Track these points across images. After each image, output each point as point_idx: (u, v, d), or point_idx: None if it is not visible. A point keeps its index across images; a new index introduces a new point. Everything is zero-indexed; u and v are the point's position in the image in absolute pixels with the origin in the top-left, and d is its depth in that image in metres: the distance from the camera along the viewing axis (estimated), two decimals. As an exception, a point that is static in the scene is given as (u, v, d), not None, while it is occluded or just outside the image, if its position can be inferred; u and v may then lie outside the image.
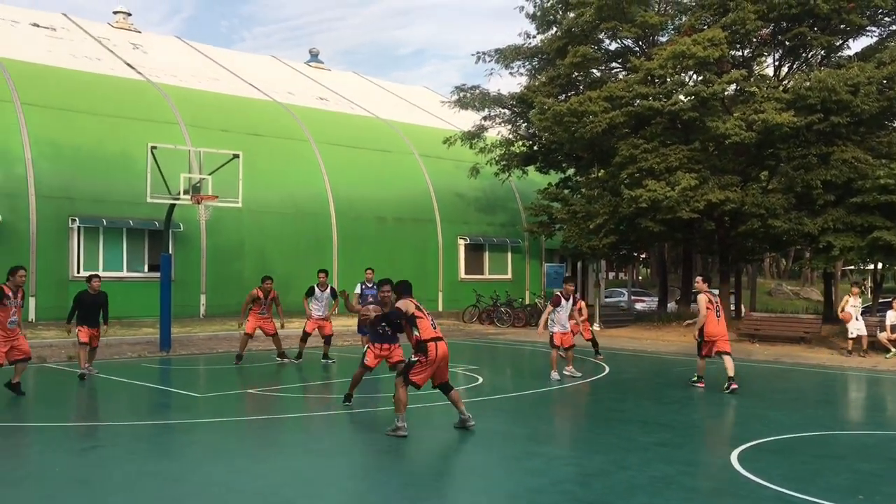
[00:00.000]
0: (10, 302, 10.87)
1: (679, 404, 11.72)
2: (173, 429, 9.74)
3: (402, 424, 8.87)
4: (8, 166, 21.12)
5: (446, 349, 9.11)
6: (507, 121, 29.75)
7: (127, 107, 24.30)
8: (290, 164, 26.64)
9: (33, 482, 7.06)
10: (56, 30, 30.25)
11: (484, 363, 16.99)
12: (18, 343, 11.07)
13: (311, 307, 15.52)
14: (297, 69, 38.09)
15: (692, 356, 18.54)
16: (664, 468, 7.72)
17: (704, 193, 21.98)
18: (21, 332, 11.28)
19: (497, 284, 29.80)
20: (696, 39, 22.35)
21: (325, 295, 15.62)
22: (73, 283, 21.49)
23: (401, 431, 8.82)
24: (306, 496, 6.75)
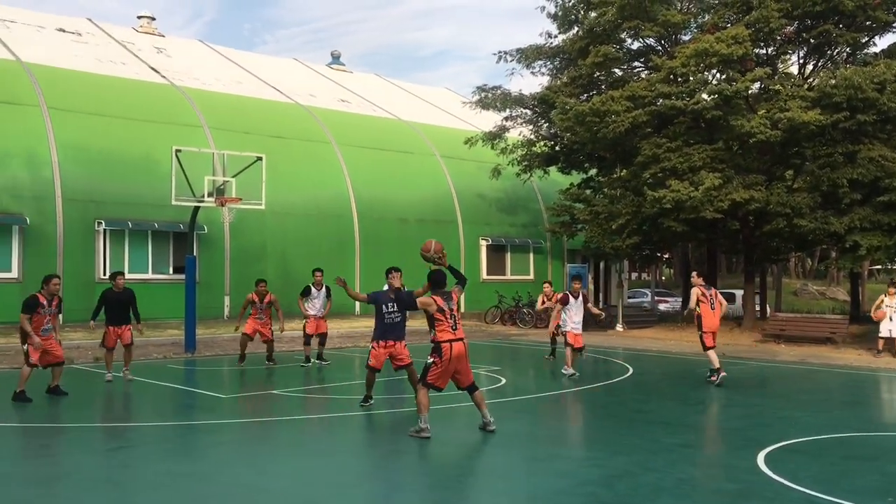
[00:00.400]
0: (44, 311, 11.07)
1: (704, 405, 11.64)
2: (199, 429, 9.83)
3: (425, 426, 8.89)
4: (35, 170, 21.40)
5: (462, 348, 9.13)
6: (529, 121, 29.68)
7: (151, 110, 24.54)
8: (312, 166, 26.77)
9: (62, 482, 7.15)
10: (81, 35, 30.61)
11: (506, 364, 16.97)
12: (51, 347, 11.26)
13: (306, 306, 15.56)
14: (318, 72, 38.26)
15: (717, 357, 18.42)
16: (689, 470, 7.67)
17: (729, 193, 21.80)
18: (56, 338, 11.47)
19: (519, 285, 29.74)
20: (720, 37, 22.17)
21: (321, 294, 15.65)
22: (100, 285, 21.68)
23: (424, 433, 8.84)
24: (331, 497, 6.78)
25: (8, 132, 21.31)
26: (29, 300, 11.07)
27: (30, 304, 11.01)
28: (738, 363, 17.38)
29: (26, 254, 20.81)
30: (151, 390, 12.72)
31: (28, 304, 11.01)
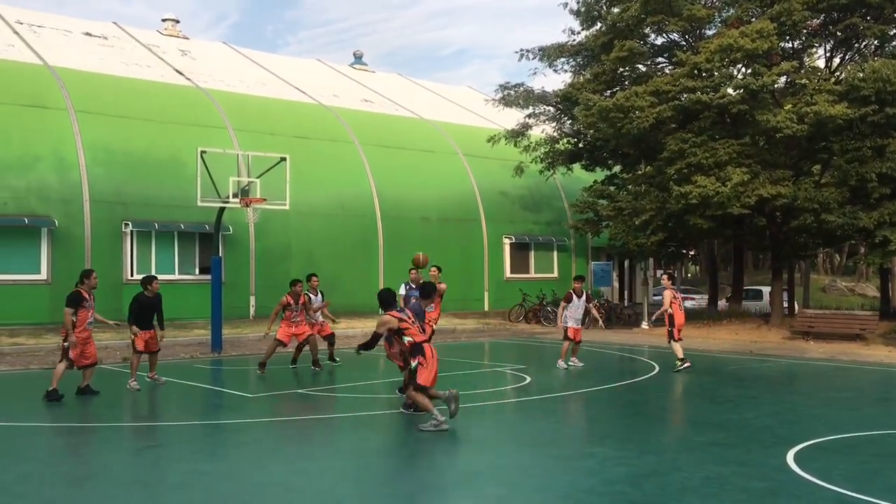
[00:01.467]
0: (87, 304, 11.27)
1: (732, 403, 11.52)
2: (226, 429, 9.90)
3: (441, 419, 9.02)
4: (64, 172, 21.68)
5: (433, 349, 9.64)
6: (552, 118, 29.57)
7: (176, 112, 24.76)
8: (335, 166, 26.86)
9: (93, 482, 7.23)
10: (107, 38, 30.96)
11: (531, 363, 16.92)
12: (88, 348, 11.45)
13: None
14: (341, 72, 38.40)
15: (744, 355, 18.27)
16: (718, 469, 7.60)
17: (755, 188, 21.56)
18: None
19: (543, 283, 29.65)
20: (744, 31, 21.93)
21: (317, 299, 15.48)
22: (127, 286, 21.98)
23: (442, 425, 8.98)
24: (359, 496, 6.80)
25: (36, 135, 21.61)
26: (74, 295, 11.14)
27: (74, 298, 11.09)
28: (765, 360, 17.21)
29: (55, 256, 21.09)
30: (178, 390, 12.82)
31: (73, 299, 11.09)
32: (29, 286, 20.72)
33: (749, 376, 14.76)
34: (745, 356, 18.06)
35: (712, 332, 23.60)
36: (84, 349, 11.35)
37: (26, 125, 21.64)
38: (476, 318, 27.58)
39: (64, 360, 11.18)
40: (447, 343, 21.01)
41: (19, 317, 20.24)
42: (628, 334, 23.84)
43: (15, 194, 20.79)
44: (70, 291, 11.33)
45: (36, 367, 15.32)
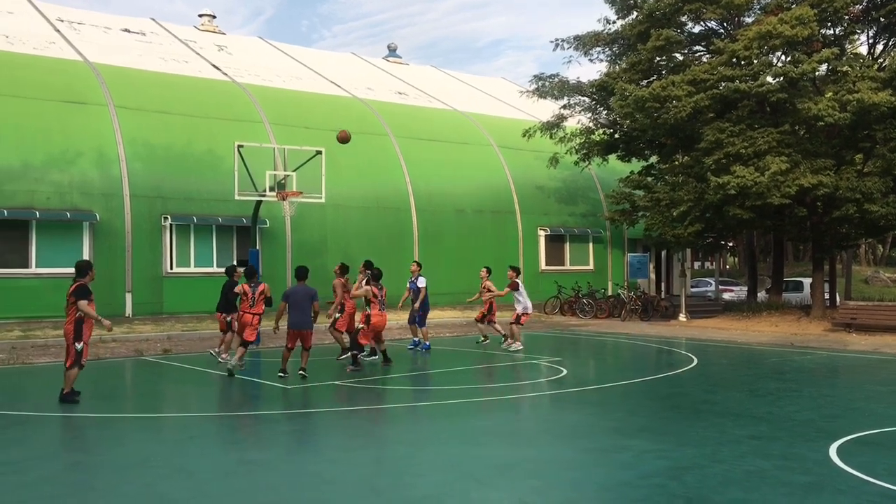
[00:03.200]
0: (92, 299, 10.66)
1: (773, 396, 11.37)
2: (266, 419, 10.02)
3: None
4: (105, 167, 22.04)
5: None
6: (587, 109, 29.33)
7: (214, 107, 25.02)
8: (370, 159, 26.95)
9: (136, 471, 7.37)
10: (146, 34, 31.36)
11: (567, 355, 16.86)
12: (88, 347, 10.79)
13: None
14: (375, 65, 38.48)
15: (785, 347, 18.02)
16: (759, 462, 7.51)
17: (796, 178, 21.20)
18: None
19: (578, 275, 29.48)
20: (783, 18, 21.54)
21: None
22: (167, 279, 22.33)
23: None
24: (397, 486, 6.84)
25: (78, 132, 21.99)
26: (84, 288, 10.53)
27: (86, 290, 10.53)
28: (807, 353, 16.95)
29: (97, 249, 21.46)
30: (219, 381, 13.00)
31: (85, 290, 10.51)
32: (72, 279, 21.09)
33: (790, 369, 14.55)
34: (786, 348, 17.81)
35: (752, 325, 23.30)
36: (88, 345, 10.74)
37: (68, 121, 22.03)
38: (511, 311, 27.49)
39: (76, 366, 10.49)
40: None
41: (62, 309, 20.43)
42: (665, 326, 23.63)
43: (58, 189, 21.19)
44: (75, 285, 10.57)
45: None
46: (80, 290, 10.54)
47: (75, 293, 10.51)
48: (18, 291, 20.35)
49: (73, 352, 10.47)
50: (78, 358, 10.50)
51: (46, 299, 20.57)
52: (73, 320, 10.50)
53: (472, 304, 19.23)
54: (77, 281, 10.65)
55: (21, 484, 6.83)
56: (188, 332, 19.47)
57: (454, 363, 15.32)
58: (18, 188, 20.68)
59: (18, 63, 23.10)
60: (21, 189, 20.70)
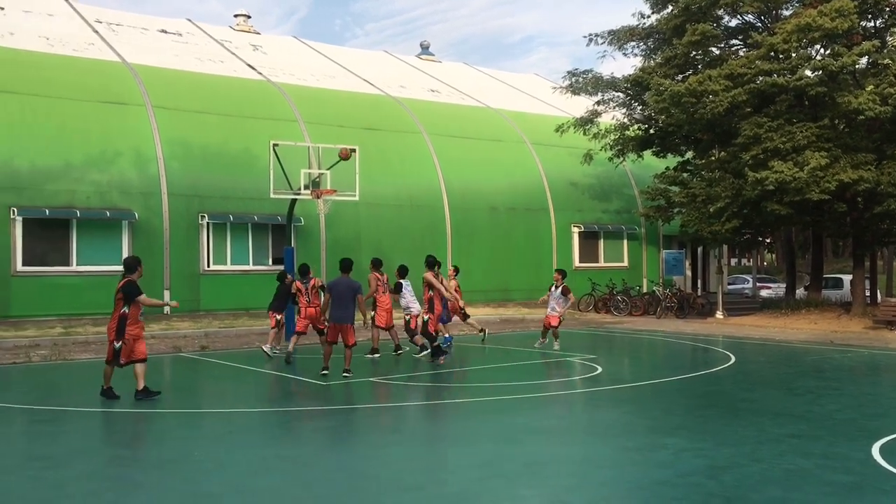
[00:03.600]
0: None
1: (813, 395, 11.18)
2: (303, 415, 10.10)
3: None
4: (143, 167, 22.36)
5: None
6: (622, 104, 29.07)
7: (249, 106, 25.26)
8: (403, 157, 27.02)
9: (176, 466, 7.47)
10: (182, 35, 31.75)
11: (601, 352, 16.75)
12: (140, 343, 10.65)
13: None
14: (408, 62, 38.54)
15: (824, 345, 17.71)
16: (799, 461, 7.39)
17: (836, 173, 20.81)
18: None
19: (613, 272, 29.26)
20: (823, 10, 21.14)
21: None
22: (204, 276, 22.59)
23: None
24: (431, 483, 6.86)
25: (117, 132, 22.33)
26: (133, 285, 10.40)
27: (135, 287, 10.39)
28: (847, 351, 16.65)
29: (135, 247, 21.77)
30: (256, 377, 13.13)
31: (134, 288, 10.37)
32: (111, 277, 21.32)
33: (830, 367, 14.30)
34: (826, 346, 17.51)
35: (790, 322, 22.95)
36: (134, 346, 10.54)
37: (107, 122, 22.38)
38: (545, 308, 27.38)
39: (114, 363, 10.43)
40: (516, 332, 20.96)
41: (102, 307, 20.85)
42: (702, 324, 23.37)
43: (98, 189, 21.55)
44: (123, 281, 10.45)
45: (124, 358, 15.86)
46: (129, 288, 10.39)
47: (124, 290, 10.37)
48: (60, 289, 20.75)
49: (111, 349, 10.45)
50: (116, 355, 10.39)
51: (87, 297, 20.96)
52: (116, 317, 10.39)
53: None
54: (126, 277, 10.52)
55: (63, 478, 6.96)
56: (225, 329, 19.70)
57: (488, 360, 15.31)
58: (59, 188, 21.07)
59: (59, 65, 23.54)
60: (62, 189, 21.09)
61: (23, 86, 21.84)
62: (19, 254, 20.36)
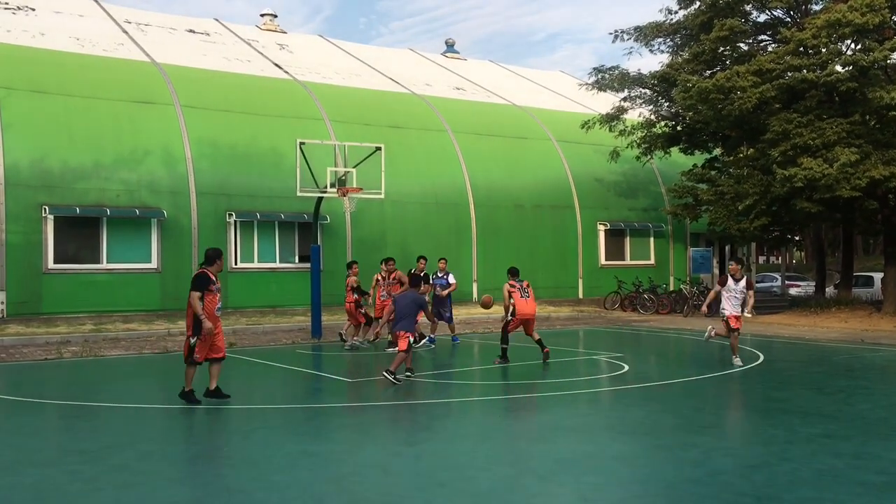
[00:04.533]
0: (215, 288, 10.04)
1: (844, 394, 11.05)
2: (328, 412, 10.16)
3: None
4: (172, 165, 22.59)
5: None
6: (649, 101, 28.88)
7: (276, 105, 25.42)
8: (429, 155, 27.04)
9: (205, 461, 7.55)
10: (209, 35, 32.02)
11: (628, 351, 16.65)
12: (218, 339, 10.24)
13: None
14: (433, 61, 38.56)
15: (855, 344, 17.48)
16: (831, 461, 7.31)
17: (867, 170, 20.52)
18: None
19: (639, 270, 29.10)
20: (853, 5, 20.84)
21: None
22: (232, 274, 22.77)
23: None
24: (459, 480, 6.86)
25: (146, 131, 22.59)
26: (201, 276, 9.88)
27: (202, 280, 9.84)
28: (878, 350, 16.42)
29: (164, 245, 22.04)
30: (282, 374, 13.23)
31: (201, 281, 9.82)
32: (141, 275, 21.75)
33: (861, 366, 14.12)
34: (856, 345, 17.28)
35: (820, 321, 22.68)
36: (213, 341, 10.12)
37: (136, 121, 22.64)
38: (570, 306, 27.33)
39: (191, 365, 9.96)
40: (542, 330, 20.88)
41: (132, 304, 21.29)
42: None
43: (127, 187, 21.81)
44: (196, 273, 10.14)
45: (148, 351, 16.09)
46: (198, 280, 9.85)
47: (193, 281, 9.93)
48: (90, 286, 21.04)
49: (187, 344, 9.93)
50: (191, 353, 9.87)
51: (117, 294, 21.26)
52: (191, 312, 9.83)
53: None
54: (201, 268, 10.01)
55: (97, 472, 7.07)
56: (252, 326, 19.86)
57: (515, 358, 15.29)
58: (90, 186, 21.35)
59: (89, 64, 23.84)
60: (92, 187, 21.37)
61: (54, 85, 22.16)
62: (51, 251, 20.67)
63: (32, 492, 6.50)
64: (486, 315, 23.87)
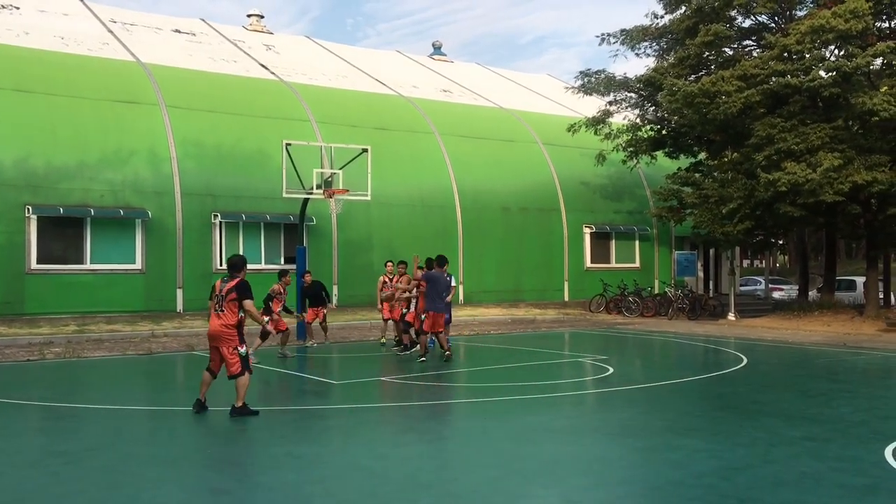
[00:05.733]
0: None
1: (826, 397, 11.14)
2: (313, 414, 10.14)
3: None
4: (157, 166, 22.47)
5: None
6: (634, 105, 29.02)
7: (262, 106, 25.34)
8: (415, 157, 27.04)
9: (189, 463, 7.52)
10: (195, 35, 31.88)
11: (613, 353, 16.72)
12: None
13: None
14: (420, 63, 38.57)
15: (837, 347, 17.62)
16: (812, 463, 7.38)
17: (849, 175, 20.71)
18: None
19: (624, 273, 29.22)
20: (837, 12, 21.03)
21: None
22: (217, 275, 22.59)
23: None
24: (444, 481, 6.88)
25: (131, 131, 22.46)
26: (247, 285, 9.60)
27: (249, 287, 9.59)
28: (860, 353, 16.57)
29: (149, 246, 21.92)
30: (268, 377, 13.18)
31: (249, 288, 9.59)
32: (125, 275, 21.62)
33: (843, 369, 14.25)
34: (839, 349, 17.43)
35: (803, 324, 22.86)
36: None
37: (121, 121, 22.51)
38: (556, 308, 27.41)
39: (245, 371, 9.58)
40: (527, 333, 20.96)
41: (116, 305, 21.16)
42: (714, 325, 23.31)
43: (111, 187, 21.67)
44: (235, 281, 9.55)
45: (132, 352, 16.00)
46: (245, 287, 9.50)
47: (239, 289, 9.46)
48: (73, 287, 20.89)
49: (238, 358, 9.48)
50: (245, 363, 9.54)
51: (100, 295, 21.12)
52: (235, 322, 9.47)
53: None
54: (235, 277, 9.58)
55: (80, 474, 7.03)
56: (237, 328, 19.75)
57: (500, 360, 15.32)
58: (74, 186, 21.21)
59: (73, 64, 23.68)
60: (76, 187, 21.23)
61: (38, 85, 21.99)
62: (34, 252, 20.51)
63: (14, 494, 6.45)
64: (472, 317, 23.92)
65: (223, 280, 9.61)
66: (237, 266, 9.71)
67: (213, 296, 9.77)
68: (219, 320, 9.45)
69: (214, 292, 9.71)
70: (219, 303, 9.50)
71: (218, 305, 9.51)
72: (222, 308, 9.45)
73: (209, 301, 10.05)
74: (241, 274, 9.64)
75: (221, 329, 9.43)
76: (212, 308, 9.72)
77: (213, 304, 9.67)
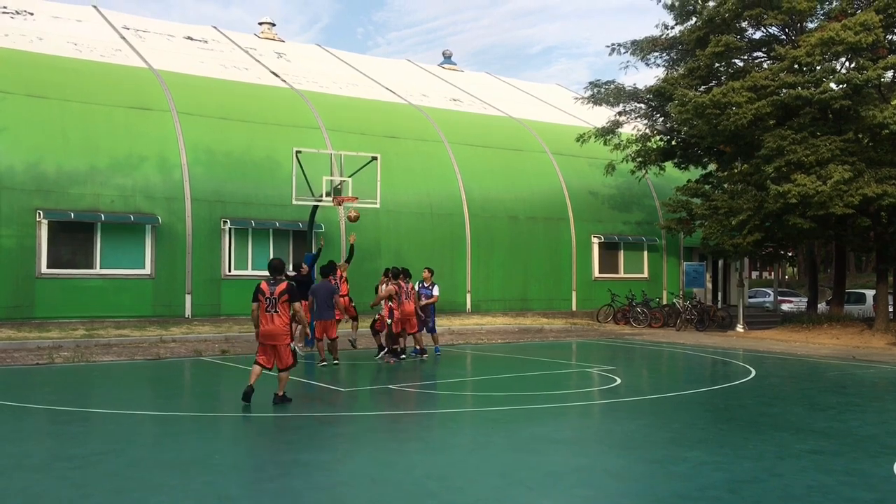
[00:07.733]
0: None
1: (835, 410, 11.09)
2: (321, 421, 10.15)
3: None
4: (167, 172, 22.59)
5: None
6: (644, 115, 29.02)
7: (273, 113, 25.45)
8: (424, 166, 27.10)
9: (196, 468, 7.53)
10: (207, 42, 32.07)
11: (620, 364, 16.68)
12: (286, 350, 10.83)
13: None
14: (430, 72, 38.69)
15: (846, 360, 17.54)
16: (821, 477, 7.34)
17: (859, 187, 20.64)
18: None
19: (633, 284, 29.16)
20: (847, 24, 21.00)
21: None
22: (225, 281, 22.75)
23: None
24: (448, 490, 6.87)
25: (142, 137, 22.59)
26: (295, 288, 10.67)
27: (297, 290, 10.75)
28: (870, 367, 16.48)
29: (158, 251, 22.01)
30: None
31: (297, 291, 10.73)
32: (134, 280, 21.71)
33: (852, 383, 14.17)
34: (848, 362, 17.34)
35: (812, 337, 22.75)
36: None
37: (133, 126, 22.64)
38: (564, 318, 27.38)
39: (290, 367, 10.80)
40: (534, 342, 20.94)
41: (125, 310, 21.25)
42: (722, 337, 23.23)
43: (122, 193, 21.79)
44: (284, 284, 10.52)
45: (140, 357, 16.05)
46: (295, 290, 10.56)
47: (290, 292, 10.41)
48: (83, 291, 20.99)
49: (290, 351, 10.71)
50: (295, 356, 10.92)
51: (110, 299, 21.21)
52: (287, 321, 10.47)
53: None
54: (284, 280, 10.49)
55: (87, 479, 7.06)
56: (245, 334, 19.82)
57: (507, 370, 15.31)
58: (85, 191, 21.33)
59: (86, 70, 23.85)
60: (87, 192, 21.35)
61: (50, 90, 22.16)
62: (44, 256, 20.62)
63: (22, 497, 6.48)
64: (479, 326, 23.92)
65: (269, 283, 10.37)
66: (279, 268, 10.52)
67: (263, 298, 10.36)
68: (276, 320, 10.35)
69: (264, 294, 10.35)
70: (272, 304, 10.29)
71: (271, 306, 10.30)
72: (276, 309, 10.31)
73: (253, 303, 10.53)
74: (284, 276, 10.50)
75: (279, 328, 10.35)
76: (262, 309, 10.37)
77: (264, 306, 10.35)
